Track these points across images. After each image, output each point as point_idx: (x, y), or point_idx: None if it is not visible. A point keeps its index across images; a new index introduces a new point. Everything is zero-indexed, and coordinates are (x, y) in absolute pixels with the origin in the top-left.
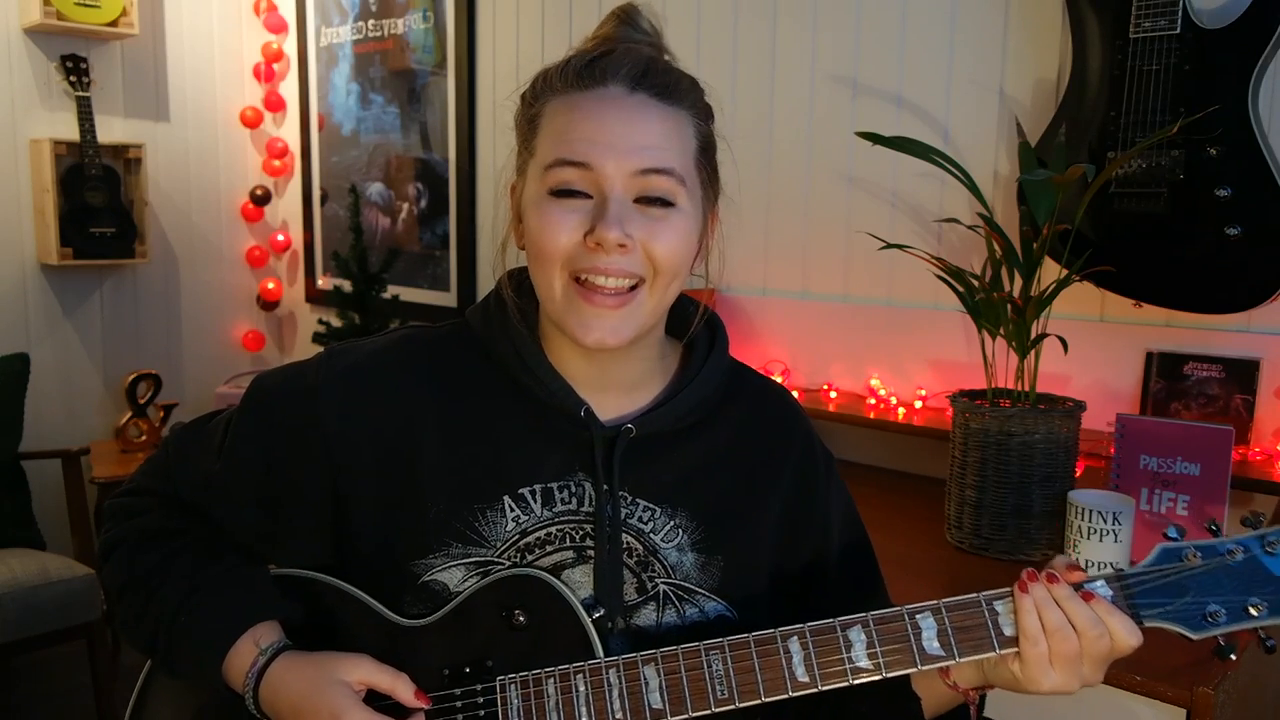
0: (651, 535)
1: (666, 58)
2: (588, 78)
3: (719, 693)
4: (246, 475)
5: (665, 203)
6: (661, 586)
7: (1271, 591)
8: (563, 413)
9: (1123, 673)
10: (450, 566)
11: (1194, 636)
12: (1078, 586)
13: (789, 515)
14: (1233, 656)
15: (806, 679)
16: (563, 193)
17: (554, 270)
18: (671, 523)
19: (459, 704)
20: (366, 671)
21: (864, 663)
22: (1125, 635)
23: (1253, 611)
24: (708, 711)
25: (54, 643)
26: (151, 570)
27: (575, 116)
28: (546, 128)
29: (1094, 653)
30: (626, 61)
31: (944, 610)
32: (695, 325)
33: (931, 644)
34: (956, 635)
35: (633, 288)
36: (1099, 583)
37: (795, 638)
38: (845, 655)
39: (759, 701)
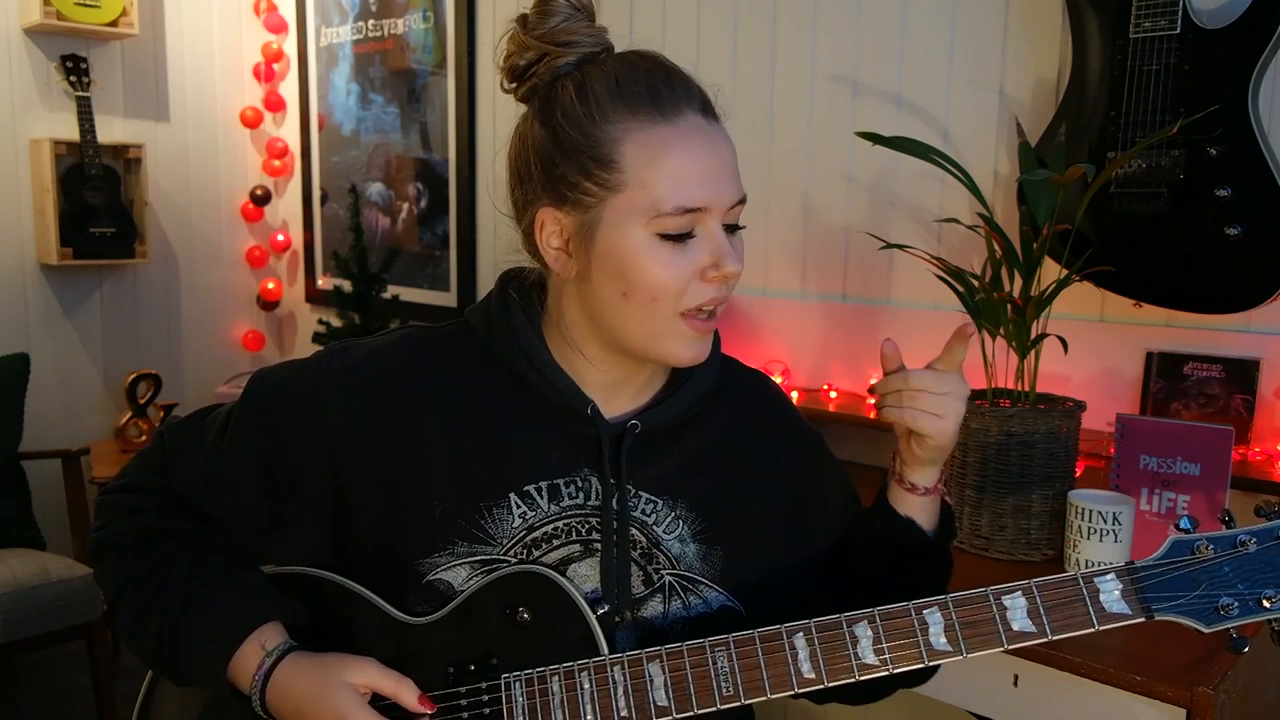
0: (654, 527)
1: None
2: (662, 103)
3: (724, 690)
4: (246, 471)
5: (740, 224)
6: (667, 578)
7: None
8: (568, 410)
9: (1123, 673)
10: (455, 565)
11: (1206, 630)
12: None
13: (786, 499)
14: (1246, 650)
15: (812, 675)
16: (675, 237)
17: (666, 309)
18: (672, 514)
19: (464, 702)
20: (371, 675)
21: (870, 659)
22: (950, 362)
23: (1266, 604)
24: (713, 709)
25: (54, 643)
26: (148, 575)
27: (678, 157)
28: (637, 165)
29: (951, 394)
30: (678, 80)
31: (951, 605)
32: None
33: (939, 639)
34: (964, 630)
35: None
36: (1108, 576)
37: (801, 634)
38: (851, 651)
39: (764, 698)
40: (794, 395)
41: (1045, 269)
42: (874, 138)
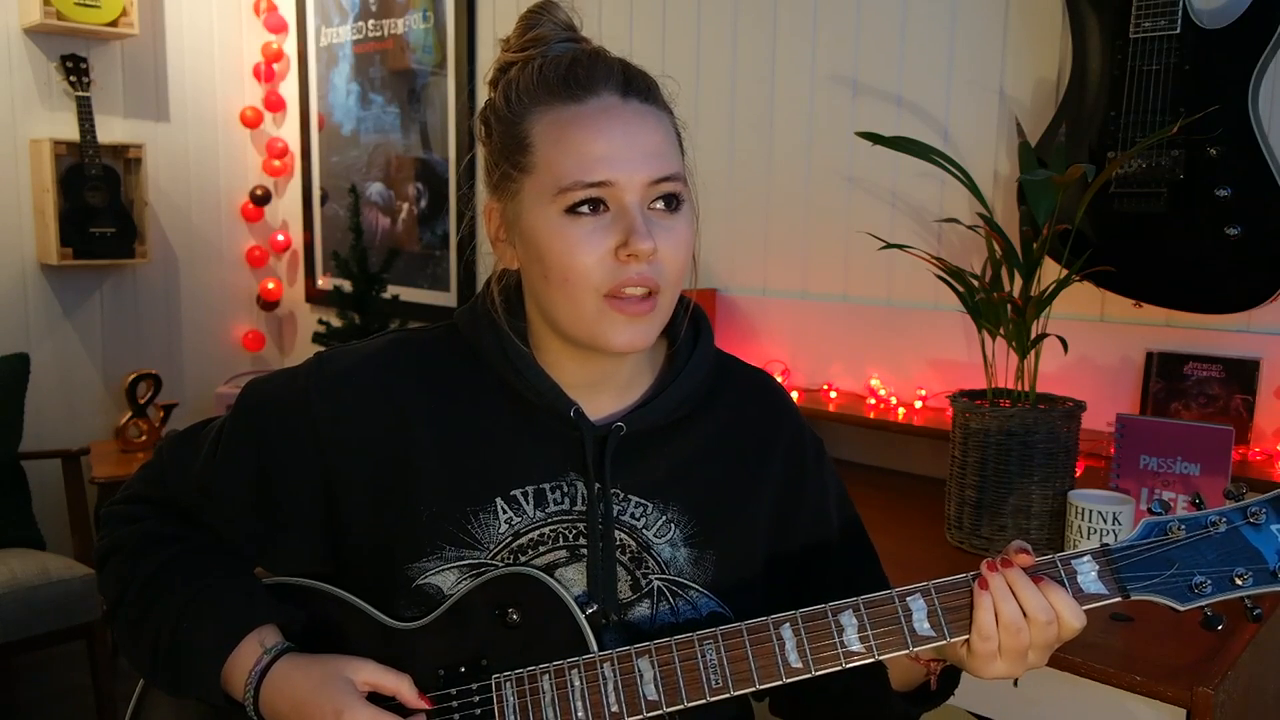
0: (644, 531)
1: (596, 48)
2: (575, 86)
3: (713, 682)
4: (240, 480)
5: (675, 205)
6: (655, 582)
7: (1256, 560)
8: (552, 413)
9: (1123, 673)
10: (443, 569)
11: (1181, 608)
12: (1030, 571)
13: (780, 505)
14: (1219, 627)
15: (800, 664)
16: (580, 211)
17: (584, 292)
18: (664, 518)
19: (455, 704)
20: (371, 672)
21: (856, 646)
22: (1072, 619)
23: (1238, 581)
24: (703, 701)
25: (54, 643)
26: (149, 578)
27: (581, 132)
28: (544, 144)
29: (1041, 641)
30: (601, 65)
31: (933, 591)
32: (685, 324)
33: (922, 625)
34: (946, 615)
35: (651, 293)
36: (1084, 558)
37: (787, 624)
38: (837, 639)
39: (753, 689)
40: (794, 395)
41: (1045, 269)
42: (874, 138)
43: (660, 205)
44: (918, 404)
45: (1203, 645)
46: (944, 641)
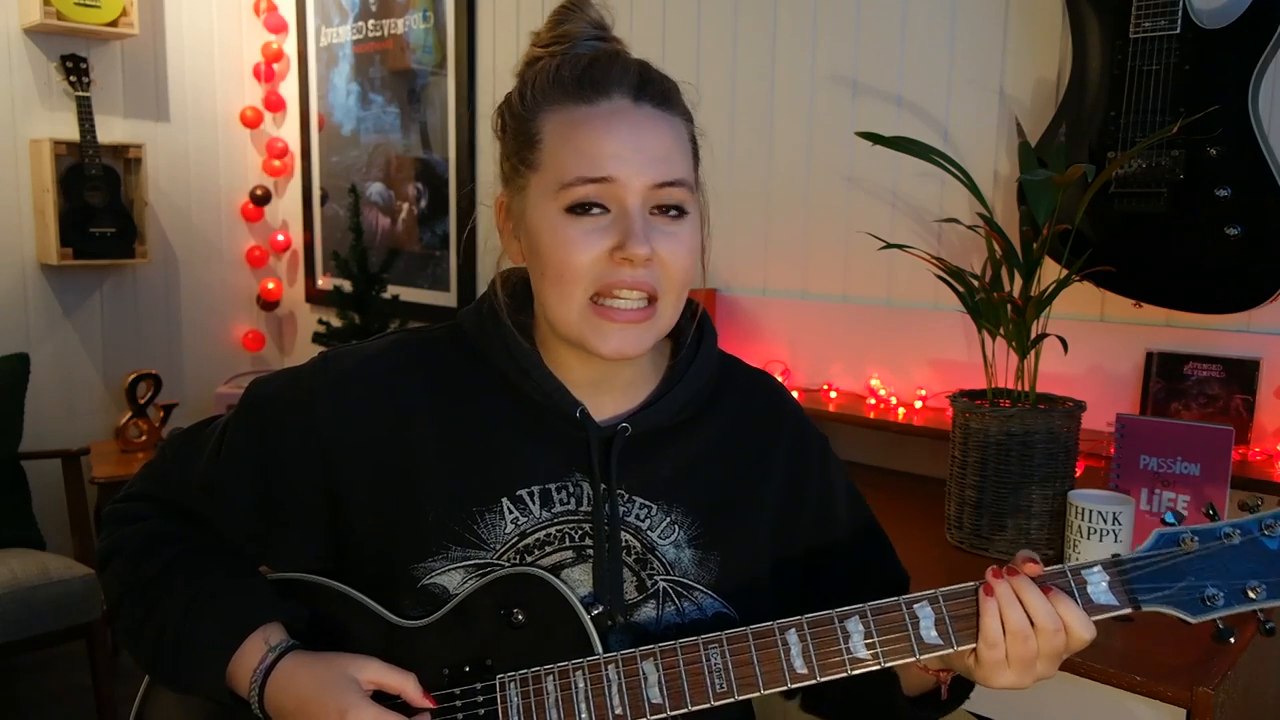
0: (649, 532)
1: (618, 49)
2: (588, 88)
3: (718, 686)
4: (243, 480)
5: (678, 213)
6: (661, 583)
7: (1269, 573)
8: (558, 414)
9: (1123, 673)
10: (449, 569)
11: (1192, 620)
12: (1040, 581)
13: (783, 506)
14: (1232, 640)
15: (805, 670)
16: (580, 209)
17: (574, 291)
18: (668, 519)
19: (459, 703)
20: (375, 671)
21: (862, 653)
22: (1080, 630)
23: (1251, 594)
24: (706, 705)
25: (54, 643)
26: (152, 578)
27: (589, 132)
28: (553, 142)
29: (1049, 650)
30: (617, 68)
31: (941, 599)
32: (691, 325)
33: (929, 633)
34: (954, 624)
35: (650, 301)
36: (1095, 569)
37: (793, 630)
38: (843, 646)
39: (758, 694)
40: (794, 395)
41: (1045, 269)
42: (874, 138)
43: (662, 211)
44: (918, 404)
45: (1202, 645)
46: (951, 650)
